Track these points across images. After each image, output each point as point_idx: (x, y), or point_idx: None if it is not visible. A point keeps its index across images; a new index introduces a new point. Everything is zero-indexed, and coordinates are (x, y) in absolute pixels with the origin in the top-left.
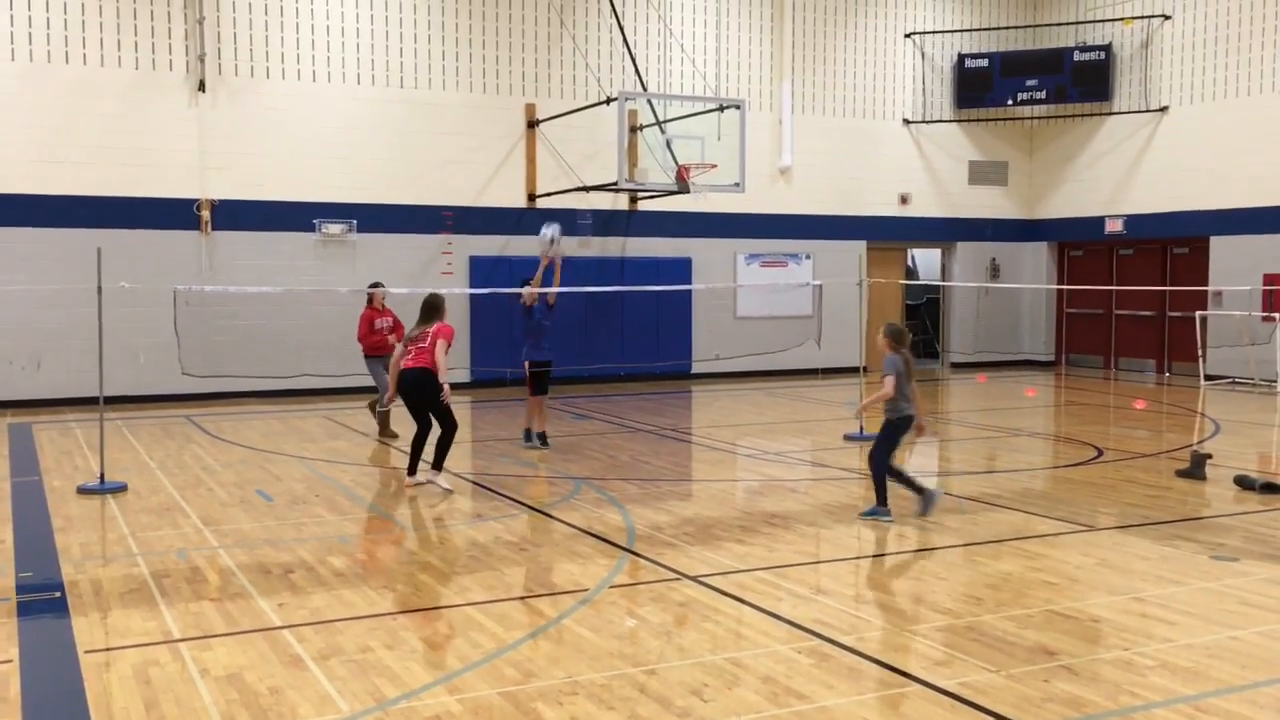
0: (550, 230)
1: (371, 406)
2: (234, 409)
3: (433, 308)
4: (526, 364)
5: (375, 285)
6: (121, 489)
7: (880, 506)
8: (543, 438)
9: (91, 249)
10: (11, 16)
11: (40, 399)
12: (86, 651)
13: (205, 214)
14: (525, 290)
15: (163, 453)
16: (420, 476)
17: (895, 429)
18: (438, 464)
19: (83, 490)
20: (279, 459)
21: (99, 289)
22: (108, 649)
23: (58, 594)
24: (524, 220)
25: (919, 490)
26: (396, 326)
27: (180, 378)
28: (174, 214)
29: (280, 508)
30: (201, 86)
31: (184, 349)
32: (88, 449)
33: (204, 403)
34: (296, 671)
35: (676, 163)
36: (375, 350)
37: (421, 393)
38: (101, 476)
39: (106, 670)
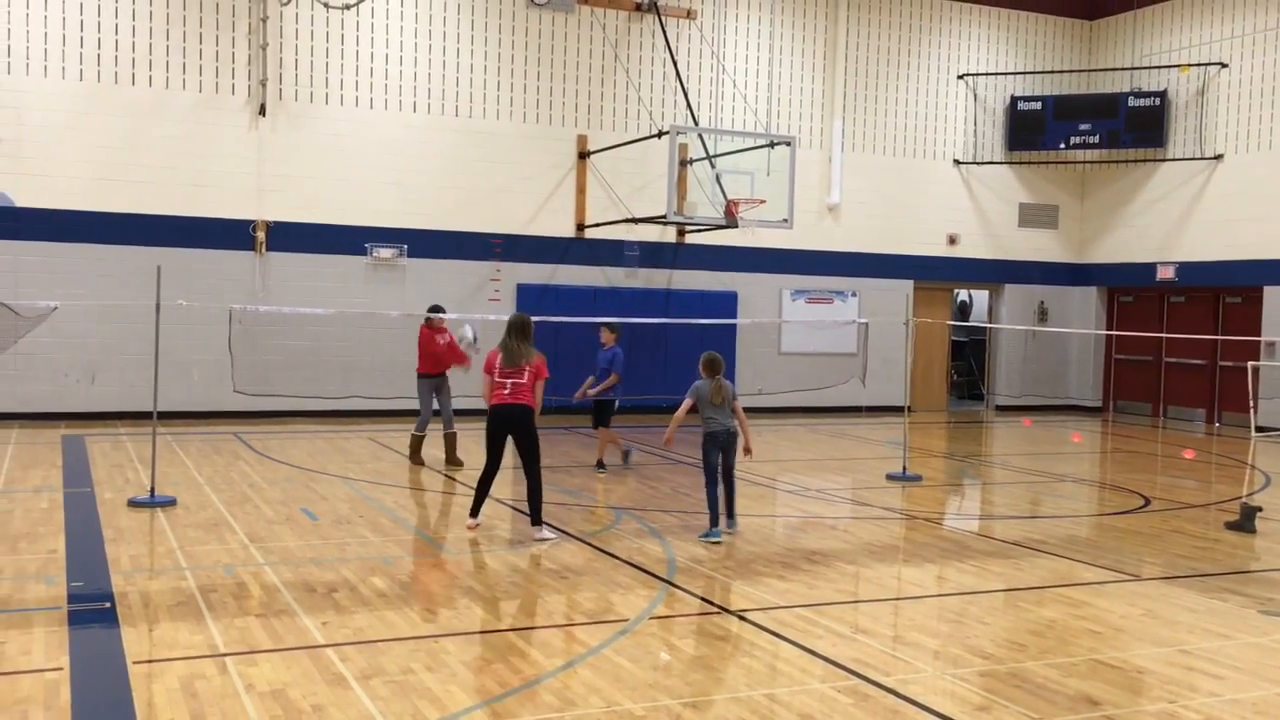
0: (467, 331)
1: (431, 439)
2: (281, 428)
3: (524, 332)
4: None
5: (436, 309)
6: (171, 503)
7: (712, 527)
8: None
9: (149, 266)
10: (81, 38)
11: (94, 412)
12: (135, 662)
13: (260, 235)
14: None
15: (211, 469)
16: (480, 518)
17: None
18: (537, 518)
19: (133, 503)
20: (324, 478)
21: (157, 306)
22: (155, 660)
23: (107, 604)
24: (572, 250)
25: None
26: (452, 346)
27: (229, 395)
28: (230, 234)
29: (325, 527)
30: (262, 110)
31: (236, 367)
32: (139, 462)
33: (252, 420)
34: (339, 690)
35: (725, 197)
36: (431, 369)
37: (520, 432)
38: (152, 490)
39: (154, 681)
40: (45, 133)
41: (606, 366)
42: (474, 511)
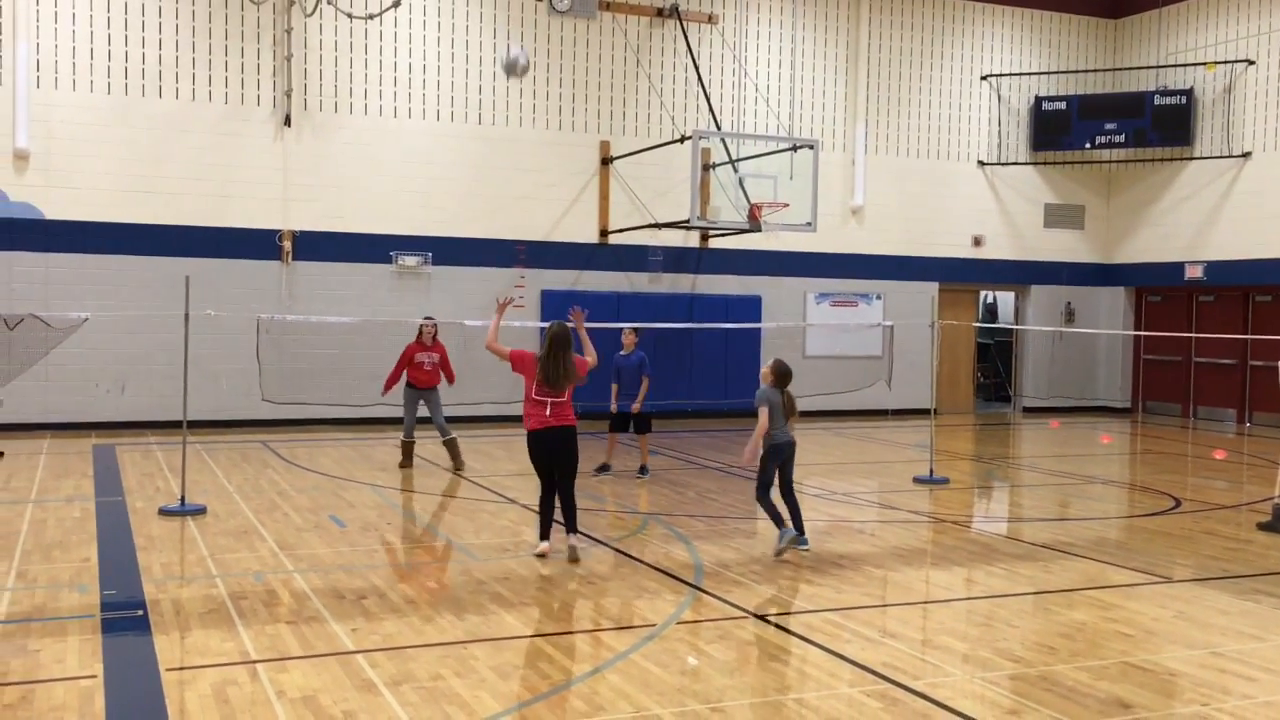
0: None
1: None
2: (309, 436)
3: (567, 347)
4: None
5: (426, 319)
6: (201, 511)
7: (782, 529)
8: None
9: (178, 277)
10: (109, 51)
11: (124, 421)
12: (167, 669)
13: (287, 244)
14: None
15: (240, 477)
16: (552, 542)
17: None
18: (573, 526)
19: (164, 511)
20: (352, 486)
21: (186, 316)
22: (188, 667)
23: (140, 612)
24: (596, 256)
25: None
26: (444, 363)
27: (257, 403)
28: (257, 244)
29: (353, 534)
30: (287, 121)
31: (264, 376)
32: (169, 471)
33: (280, 429)
34: (369, 696)
35: (749, 201)
36: (416, 381)
37: (568, 455)
38: (182, 499)
39: (186, 688)
40: (75, 145)
41: (638, 371)
42: (544, 534)
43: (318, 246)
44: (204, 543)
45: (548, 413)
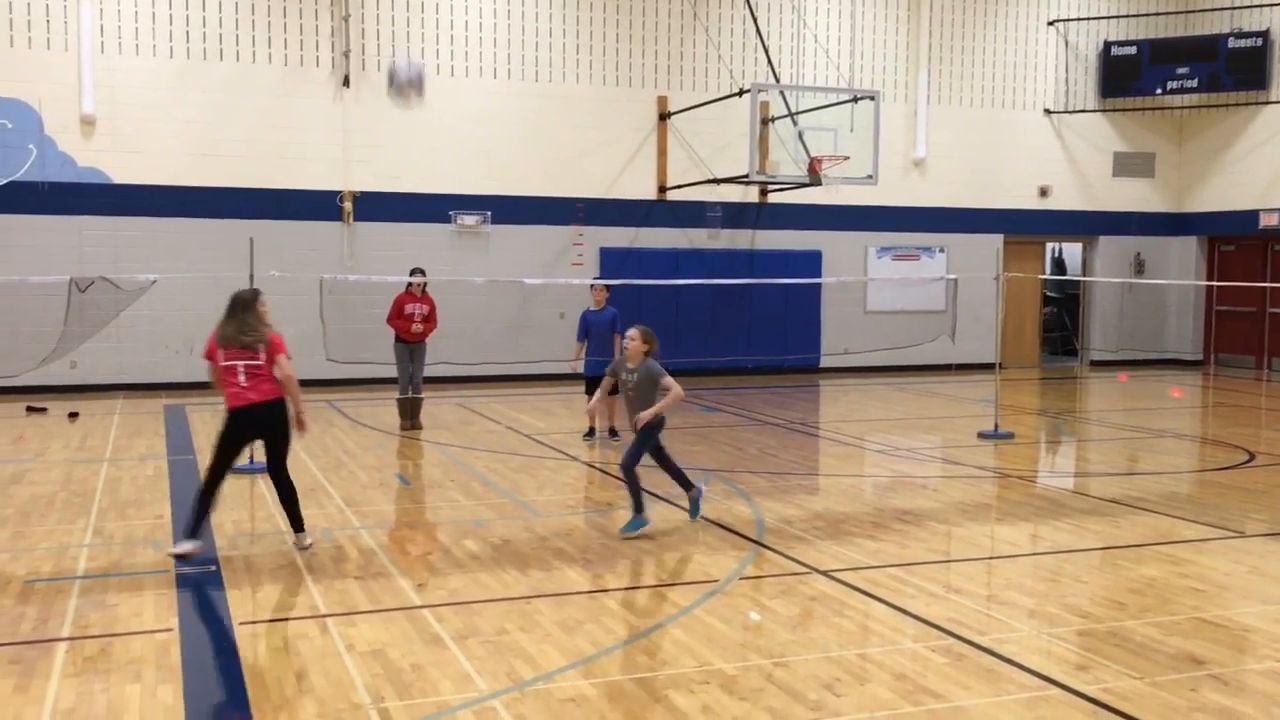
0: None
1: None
2: (372, 395)
3: (244, 306)
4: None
5: (414, 271)
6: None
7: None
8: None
9: (242, 239)
10: (170, 15)
11: (193, 382)
12: (240, 623)
13: (347, 205)
14: None
15: (307, 436)
16: (186, 545)
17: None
18: (298, 524)
19: (234, 470)
20: (415, 444)
21: (251, 277)
22: (259, 621)
23: (212, 568)
24: (654, 213)
25: (687, 485)
26: (431, 317)
27: (322, 363)
28: (318, 205)
29: (417, 491)
30: (346, 82)
31: (327, 336)
32: None
33: (344, 388)
34: (436, 650)
35: (808, 155)
36: (405, 335)
37: (274, 431)
38: (251, 457)
39: (258, 641)
40: (139, 110)
41: (610, 328)
42: (192, 531)
43: (378, 207)
44: (272, 500)
45: (244, 383)
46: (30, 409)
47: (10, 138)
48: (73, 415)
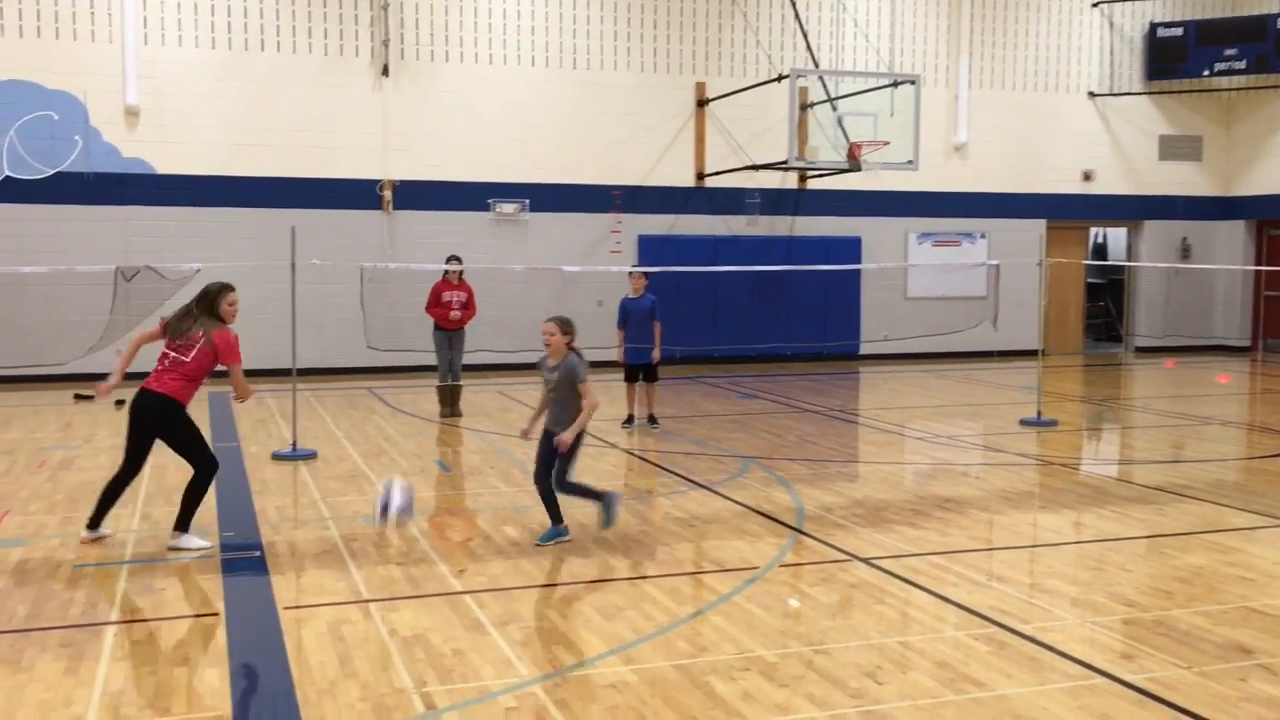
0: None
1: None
2: (412, 382)
3: (205, 299)
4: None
5: (451, 259)
6: (312, 456)
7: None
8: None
9: (284, 228)
10: (212, 6)
11: None
12: (285, 608)
13: (387, 194)
14: None
15: (348, 423)
16: (105, 529)
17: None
18: (183, 520)
19: (277, 456)
20: (455, 431)
21: (293, 266)
22: (303, 606)
23: (257, 553)
24: (693, 199)
25: (597, 496)
26: (469, 304)
27: (363, 351)
28: (358, 194)
29: (457, 478)
30: (385, 71)
31: (368, 324)
32: (280, 418)
33: (384, 376)
34: (477, 635)
35: (848, 140)
36: (444, 323)
37: (156, 425)
38: (294, 444)
39: (303, 626)
40: (182, 101)
41: (649, 315)
42: (93, 522)
43: (417, 195)
44: (315, 486)
45: (157, 368)
46: (78, 396)
47: (57, 129)
48: (119, 403)
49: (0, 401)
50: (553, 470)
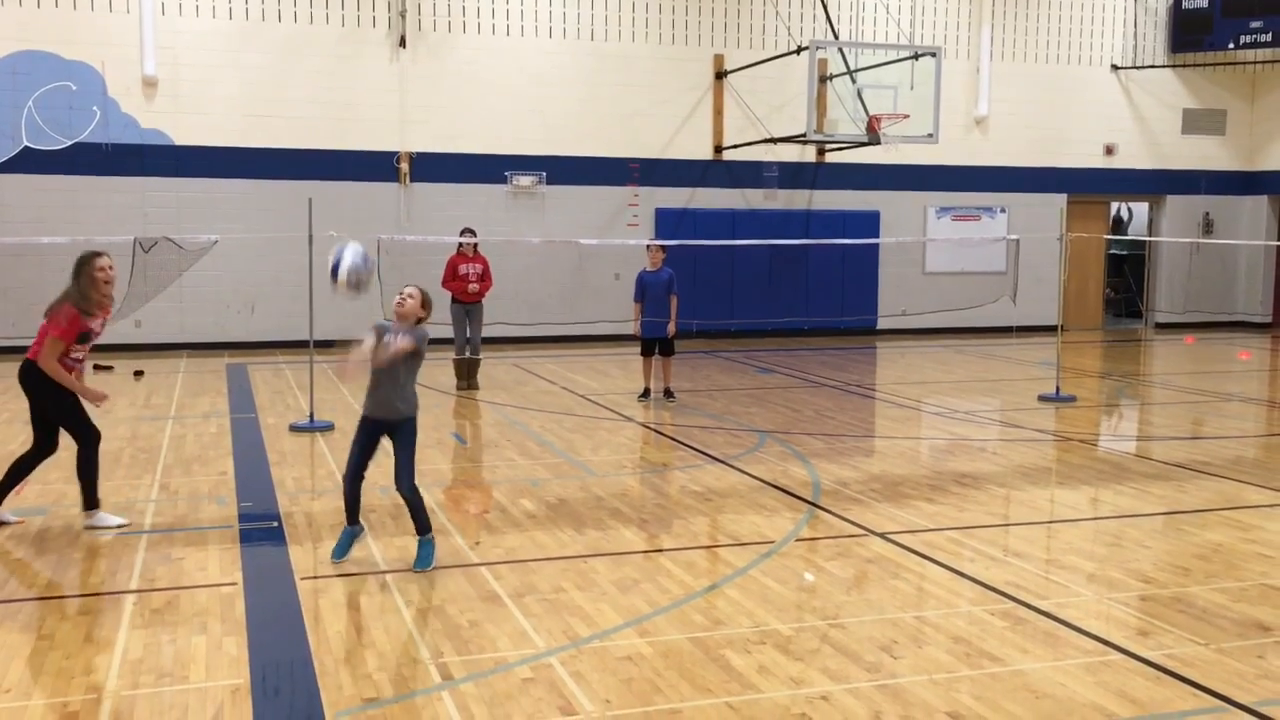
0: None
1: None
2: (428, 354)
3: (75, 270)
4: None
5: (464, 231)
6: (329, 428)
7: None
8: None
9: (301, 199)
10: None
11: (254, 341)
12: (302, 578)
13: (404, 166)
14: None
15: (365, 394)
16: (7, 514)
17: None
18: (88, 499)
19: (294, 428)
20: (471, 403)
21: (310, 237)
22: (320, 576)
23: (274, 524)
24: (710, 172)
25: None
26: (485, 277)
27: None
28: (375, 166)
29: (474, 450)
30: (402, 42)
31: (385, 296)
32: (297, 389)
33: None
34: (494, 607)
35: (867, 113)
36: (461, 295)
37: (29, 392)
38: (311, 415)
39: (320, 596)
40: (200, 71)
41: (666, 289)
42: None
43: (434, 168)
44: (332, 458)
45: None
46: (97, 367)
47: (75, 100)
48: (138, 374)
49: None
50: (368, 466)
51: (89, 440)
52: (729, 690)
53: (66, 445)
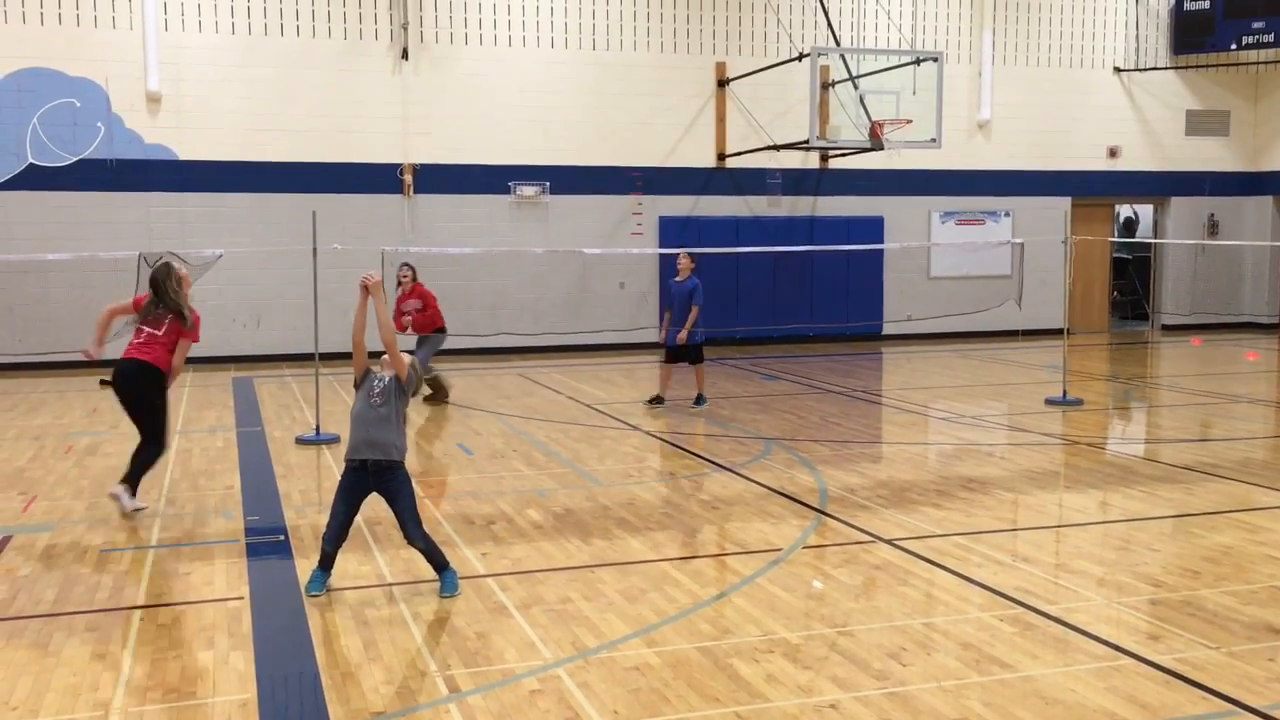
0: None
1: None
2: (434, 365)
3: (156, 287)
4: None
5: (402, 265)
6: (335, 440)
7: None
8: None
9: (305, 212)
10: None
11: (260, 354)
12: (309, 592)
13: (408, 178)
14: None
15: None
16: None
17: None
18: (133, 478)
19: (300, 441)
20: (477, 414)
21: (314, 251)
22: (327, 590)
23: (281, 537)
24: (714, 180)
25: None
26: (427, 309)
27: None
28: (379, 178)
29: (480, 461)
30: (404, 54)
31: (390, 308)
32: (303, 402)
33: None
34: (501, 619)
35: (870, 119)
36: (401, 330)
37: (140, 387)
38: (317, 428)
39: (327, 610)
40: (203, 86)
41: (689, 298)
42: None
43: (437, 179)
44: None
45: (141, 342)
46: (104, 382)
47: (79, 116)
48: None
49: (27, 388)
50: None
51: (163, 443)
52: (737, 700)
53: (77, 462)
